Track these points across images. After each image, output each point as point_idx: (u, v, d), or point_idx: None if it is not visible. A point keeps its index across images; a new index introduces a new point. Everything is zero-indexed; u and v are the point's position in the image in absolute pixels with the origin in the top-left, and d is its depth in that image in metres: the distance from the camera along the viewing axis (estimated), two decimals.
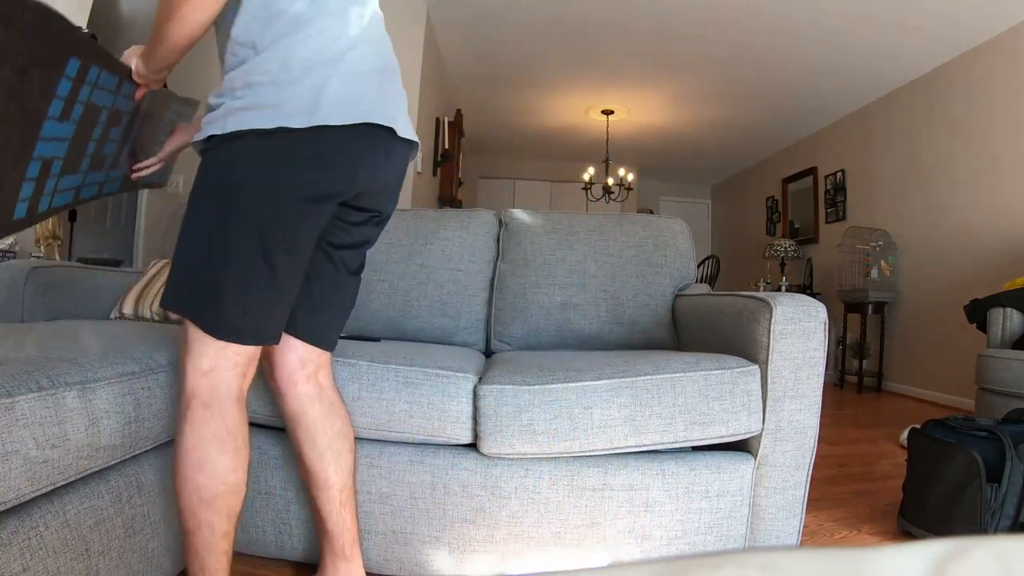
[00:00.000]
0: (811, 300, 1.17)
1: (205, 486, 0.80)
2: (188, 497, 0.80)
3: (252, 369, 0.88)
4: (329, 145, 0.82)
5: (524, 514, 1.11)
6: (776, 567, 0.18)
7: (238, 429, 0.84)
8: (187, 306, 0.83)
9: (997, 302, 2.49)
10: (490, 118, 5.62)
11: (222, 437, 0.81)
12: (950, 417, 1.52)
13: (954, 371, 3.58)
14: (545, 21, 3.70)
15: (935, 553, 0.17)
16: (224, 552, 0.83)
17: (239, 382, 0.85)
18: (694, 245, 1.83)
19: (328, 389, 1.01)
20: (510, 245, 1.78)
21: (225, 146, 0.81)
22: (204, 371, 0.82)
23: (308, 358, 0.98)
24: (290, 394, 0.98)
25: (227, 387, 0.83)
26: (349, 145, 0.84)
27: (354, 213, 0.96)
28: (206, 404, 0.82)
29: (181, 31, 0.81)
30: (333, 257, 0.98)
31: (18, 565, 0.71)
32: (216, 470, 0.81)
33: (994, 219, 3.44)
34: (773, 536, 1.17)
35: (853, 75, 4.18)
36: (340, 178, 0.86)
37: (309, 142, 0.81)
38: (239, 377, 0.85)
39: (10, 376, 0.74)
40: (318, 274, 0.97)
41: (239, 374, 0.85)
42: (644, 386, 1.09)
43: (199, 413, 0.81)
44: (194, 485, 0.80)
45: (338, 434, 0.99)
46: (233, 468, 0.82)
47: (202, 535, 0.81)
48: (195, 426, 0.81)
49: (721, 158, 6.59)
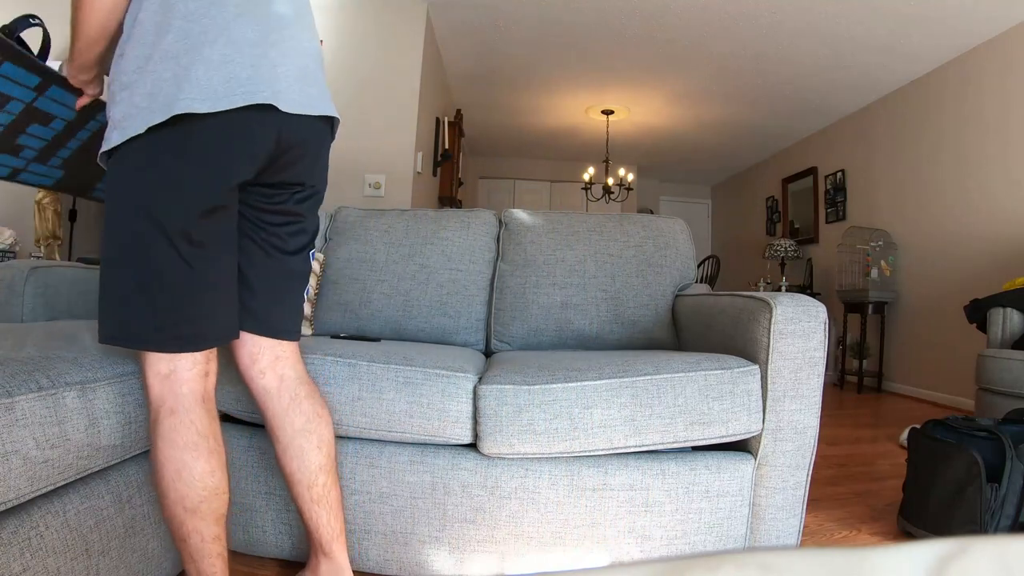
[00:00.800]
0: (811, 300, 1.17)
1: (187, 495, 0.79)
2: (173, 508, 0.80)
3: (213, 366, 0.87)
4: (199, 137, 0.79)
5: (524, 514, 1.11)
6: (776, 567, 0.18)
7: (208, 430, 0.83)
8: (120, 336, 0.82)
9: (997, 302, 2.49)
10: (490, 118, 5.61)
11: (195, 442, 0.80)
12: (950, 417, 1.52)
13: (954, 371, 3.58)
14: (545, 21, 3.70)
15: (935, 553, 0.17)
16: (218, 555, 0.82)
17: (201, 382, 0.84)
18: (694, 245, 1.83)
19: (292, 382, 0.97)
20: (510, 245, 1.78)
21: (114, 160, 0.81)
22: (164, 376, 0.81)
23: (258, 351, 0.95)
24: (250, 389, 0.97)
25: (189, 389, 0.82)
26: (221, 134, 0.80)
27: (266, 190, 0.91)
28: (172, 410, 0.81)
29: (90, 20, 0.82)
30: (258, 239, 0.93)
31: (18, 565, 0.71)
32: (194, 476, 0.80)
33: (994, 219, 3.44)
34: (773, 536, 1.17)
35: (853, 75, 4.18)
36: (220, 168, 0.81)
37: (181, 136, 0.78)
38: (200, 377, 0.84)
39: (10, 376, 0.74)
40: (249, 262, 0.93)
41: (199, 374, 0.84)
42: (644, 386, 1.09)
43: (167, 421, 0.80)
44: (176, 496, 0.79)
45: (300, 431, 0.95)
46: (211, 471, 0.81)
47: (193, 542, 0.81)
48: (166, 436, 0.80)
49: (721, 158, 6.59)
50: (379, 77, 3.36)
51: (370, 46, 3.39)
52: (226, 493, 0.84)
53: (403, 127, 3.40)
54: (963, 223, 3.68)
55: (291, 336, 0.98)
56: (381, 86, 3.36)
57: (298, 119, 0.87)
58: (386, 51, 3.41)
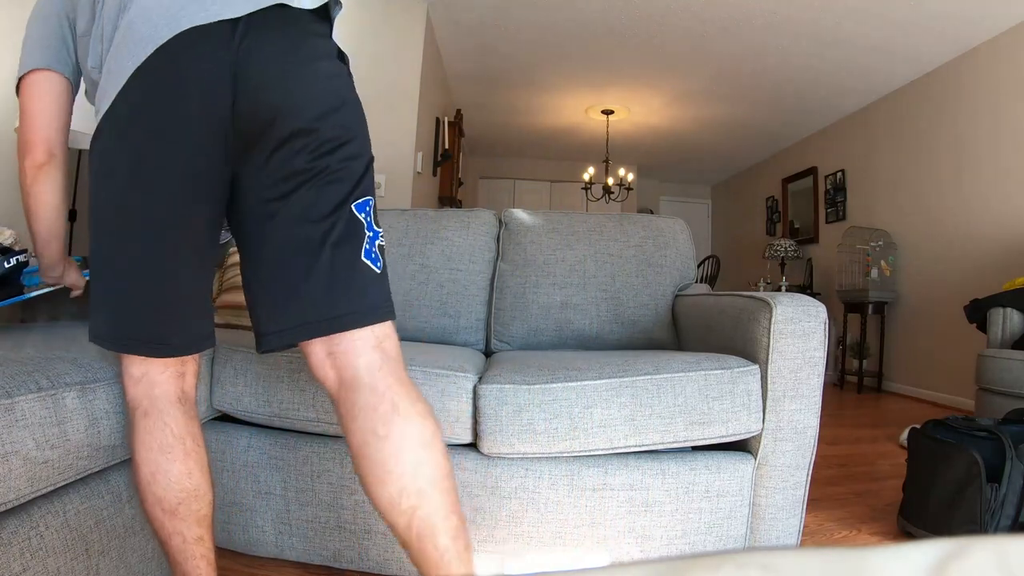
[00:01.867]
0: (811, 300, 1.17)
1: (164, 497, 0.78)
2: (152, 510, 0.79)
3: (191, 367, 0.84)
4: (140, 92, 0.70)
5: (524, 514, 1.11)
6: (776, 567, 0.18)
7: (185, 431, 0.80)
8: (94, 337, 0.79)
9: (997, 302, 2.49)
10: (490, 118, 5.61)
11: (170, 444, 0.78)
12: (950, 417, 1.52)
13: (954, 371, 3.58)
14: (545, 21, 3.70)
15: (935, 553, 0.17)
16: (201, 556, 0.81)
17: (176, 383, 0.81)
18: (694, 245, 1.83)
19: (357, 378, 0.76)
20: (510, 245, 1.78)
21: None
22: (136, 378, 0.80)
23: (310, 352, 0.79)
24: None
25: (162, 391, 0.80)
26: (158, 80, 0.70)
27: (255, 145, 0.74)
28: (146, 412, 0.79)
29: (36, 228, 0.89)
30: (261, 212, 0.76)
31: (18, 565, 0.71)
32: (171, 479, 0.78)
33: (994, 219, 3.44)
34: (773, 536, 1.17)
35: (853, 75, 4.18)
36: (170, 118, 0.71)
37: (130, 96, 0.70)
38: (174, 378, 0.81)
39: (10, 376, 0.74)
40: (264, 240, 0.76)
41: (173, 375, 0.81)
42: (644, 386, 1.09)
43: (142, 423, 0.79)
44: (154, 498, 0.78)
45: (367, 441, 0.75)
46: (187, 472, 0.79)
47: (175, 544, 0.79)
48: (140, 438, 0.78)
49: (721, 158, 6.59)
50: (379, 77, 3.36)
51: (370, 46, 3.39)
52: (207, 495, 0.81)
53: (403, 127, 3.40)
54: (963, 223, 3.68)
55: (345, 323, 0.75)
56: (381, 86, 3.35)
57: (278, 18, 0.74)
58: (386, 51, 3.41)
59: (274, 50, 0.73)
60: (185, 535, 0.79)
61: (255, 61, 0.72)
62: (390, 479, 0.72)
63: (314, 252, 0.75)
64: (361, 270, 0.77)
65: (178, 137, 0.72)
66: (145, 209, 0.73)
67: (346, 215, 0.76)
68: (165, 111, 0.71)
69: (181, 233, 0.76)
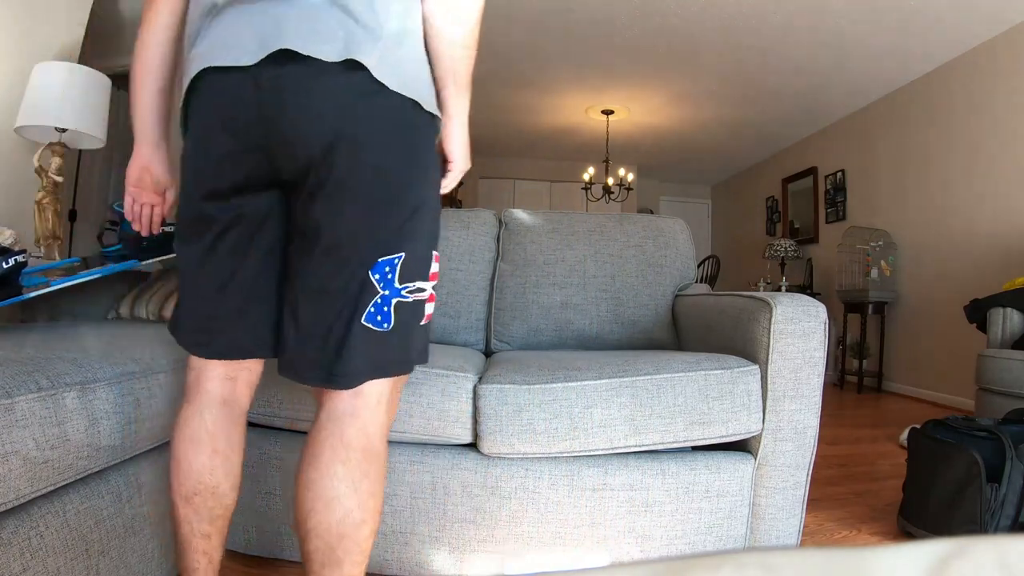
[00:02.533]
0: (811, 300, 1.17)
1: (183, 483, 0.80)
2: (173, 494, 0.81)
3: (245, 374, 0.85)
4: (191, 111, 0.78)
5: (524, 514, 1.11)
6: (776, 567, 0.18)
7: (219, 430, 0.81)
8: (170, 329, 0.86)
9: (997, 302, 2.49)
10: (490, 118, 5.61)
11: (199, 437, 0.80)
12: (950, 417, 1.52)
13: (954, 371, 3.58)
14: (545, 21, 3.70)
15: (935, 553, 0.17)
16: (204, 553, 0.82)
17: (228, 385, 0.83)
18: (694, 245, 1.83)
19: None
20: (510, 245, 1.78)
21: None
22: (192, 368, 0.84)
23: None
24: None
25: (212, 387, 0.82)
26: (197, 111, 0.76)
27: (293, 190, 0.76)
28: (190, 400, 0.83)
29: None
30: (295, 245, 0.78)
31: (18, 565, 0.71)
32: (191, 470, 0.80)
33: (994, 219, 3.44)
34: (773, 536, 1.17)
35: (853, 75, 4.17)
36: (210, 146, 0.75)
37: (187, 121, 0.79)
38: (226, 380, 0.83)
39: (10, 376, 0.73)
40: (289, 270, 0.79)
41: (224, 376, 0.83)
42: (644, 386, 1.09)
43: (184, 411, 0.82)
44: (176, 481, 0.81)
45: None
46: (210, 470, 0.80)
47: (183, 530, 0.81)
48: (179, 424, 0.82)
49: (721, 158, 6.59)
50: None
51: None
52: (226, 497, 0.82)
53: None
54: (963, 223, 3.68)
55: (309, 380, 0.78)
56: None
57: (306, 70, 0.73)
58: None
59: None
60: (193, 525, 0.81)
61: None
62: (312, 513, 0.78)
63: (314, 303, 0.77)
64: (356, 333, 0.74)
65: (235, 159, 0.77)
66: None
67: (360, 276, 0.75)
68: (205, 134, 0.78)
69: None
